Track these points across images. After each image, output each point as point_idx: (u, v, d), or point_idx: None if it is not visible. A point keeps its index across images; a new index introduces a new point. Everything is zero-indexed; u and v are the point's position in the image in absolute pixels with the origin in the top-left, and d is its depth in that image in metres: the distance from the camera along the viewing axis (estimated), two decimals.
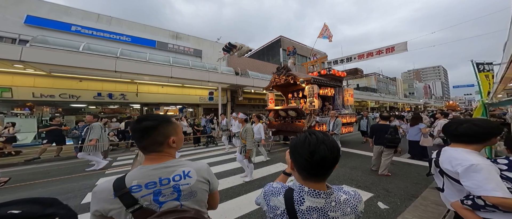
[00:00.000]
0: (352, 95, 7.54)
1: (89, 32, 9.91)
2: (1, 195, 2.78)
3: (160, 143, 0.72)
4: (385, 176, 3.39)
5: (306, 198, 0.58)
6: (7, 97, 6.64)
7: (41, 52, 6.23)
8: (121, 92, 8.70)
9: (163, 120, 0.74)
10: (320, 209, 0.58)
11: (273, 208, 0.62)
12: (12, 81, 6.76)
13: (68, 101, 7.74)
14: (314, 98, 5.51)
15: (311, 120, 5.24)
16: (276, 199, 0.63)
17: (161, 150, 0.73)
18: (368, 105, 28.25)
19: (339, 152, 0.60)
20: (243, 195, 2.78)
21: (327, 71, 6.95)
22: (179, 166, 0.74)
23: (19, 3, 8.92)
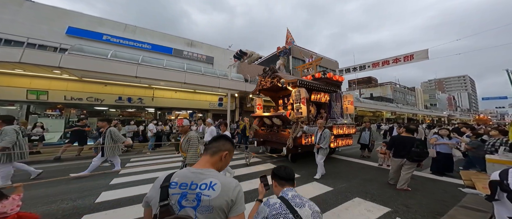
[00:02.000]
0: (352, 103, 6.74)
1: (117, 41, 11.13)
2: (29, 189, 2.99)
3: (218, 149, 0.89)
4: (404, 191, 3.15)
5: (288, 192, 1.10)
6: (43, 100, 7.53)
7: (76, 59, 7.10)
8: (139, 97, 9.37)
9: (230, 140, 0.98)
10: (298, 195, 1.07)
11: (272, 204, 1.00)
12: (49, 85, 7.69)
13: (93, 104, 8.53)
14: (301, 103, 4.77)
15: (297, 130, 4.60)
16: (273, 199, 1.05)
17: (213, 155, 0.89)
18: (383, 116, 26.62)
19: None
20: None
21: (322, 74, 6.23)
22: (210, 176, 0.77)
23: (64, 16, 10.46)
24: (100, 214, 2.34)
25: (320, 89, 5.61)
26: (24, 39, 8.61)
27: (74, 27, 10.31)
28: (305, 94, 4.85)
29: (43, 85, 7.60)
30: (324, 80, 6.14)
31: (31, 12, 9.77)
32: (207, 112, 11.84)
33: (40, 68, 6.79)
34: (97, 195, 2.89)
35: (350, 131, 5.98)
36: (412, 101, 36.96)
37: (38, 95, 7.39)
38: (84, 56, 7.69)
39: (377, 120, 25.80)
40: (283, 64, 6.50)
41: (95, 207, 2.51)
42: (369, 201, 2.78)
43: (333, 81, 6.37)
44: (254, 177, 3.74)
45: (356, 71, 12.83)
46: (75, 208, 2.48)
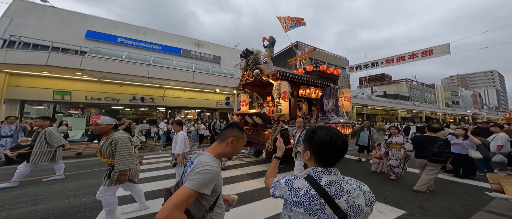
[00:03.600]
0: (349, 99, 6.03)
1: (130, 43, 11.65)
2: (53, 184, 3.33)
3: (225, 137, 0.96)
4: (421, 193, 2.97)
5: (322, 175, 0.73)
6: (67, 100, 8.18)
7: (95, 61, 7.60)
8: (151, 96, 9.81)
9: (238, 127, 1.01)
10: (336, 182, 0.72)
11: (296, 189, 0.73)
12: (72, 86, 8.32)
13: (110, 104, 9.10)
14: (281, 99, 4.17)
15: (277, 130, 3.97)
16: (298, 181, 0.75)
17: (220, 141, 0.97)
18: (398, 114, 25.21)
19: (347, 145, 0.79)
20: (257, 201, 2.72)
21: (314, 67, 5.56)
22: (199, 157, 0.89)
23: (82, 20, 11.15)
24: (118, 208, 2.43)
25: (309, 83, 4.90)
26: (49, 43, 9.37)
27: (92, 30, 10.96)
28: (287, 88, 4.24)
29: (67, 86, 8.24)
30: (316, 74, 5.52)
31: (54, 17, 10.52)
32: (215, 111, 12.08)
33: (64, 70, 7.36)
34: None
35: (346, 131, 5.29)
36: (431, 99, 34.46)
37: (62, 95, 8.04)
38: (102, 58, 8.18)
39: (391, 119, 24.54)
40: (270, 56, 5.61)
41: None
42: (381, 202, 2.65)
43: (327, 74, 5.72)
44: (228, 183, 3.40)
45: (367, 68, 12.21)
46: (95, 201, 2.59)
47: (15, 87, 7.38)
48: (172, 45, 12.84)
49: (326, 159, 0.75)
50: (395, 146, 3.72)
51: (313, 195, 0.69)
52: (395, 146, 3.72)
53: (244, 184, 3.37)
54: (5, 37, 8.88)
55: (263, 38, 5.58)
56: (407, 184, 3.37)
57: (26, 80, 7.58)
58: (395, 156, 3.68)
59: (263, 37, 5.55)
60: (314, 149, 0.76)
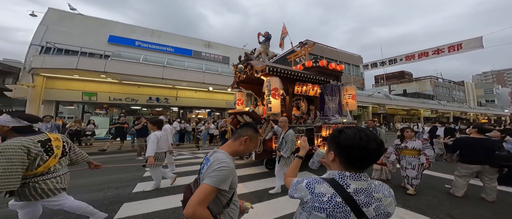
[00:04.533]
0: (354, 97, 5.49)
1: (146, 46, 12.36)
2: (79, 178, 3.39)
3: (239, 135, 0.99)
4: (452, 196, 2.81)
5: (350, 181, 0.66)
6: (93, 100, 9.05)
7: (117, 64, 8.26)
8: (165, 97, 10.39)
9: (253, 127, 1.03)
10: (365, 189, 0.65)
11: (319, 195, 0.66)
12: (97, 88, 9.16)
13: (129, 104, 9.86)
14: (271, 96, 3.87)
15: (267, 130, 3.73)
16: (322, 186, 0.66)
17: (234, 140, 0.99)
18: (420, 114, 23.23)
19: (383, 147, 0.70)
20: (265, 201, 2.75)
21: (313, 63, 5.15)
22: (215, 154, 0.93)
23: (104, 25, 12.08)
24: (136, 203, 2.61)
25: (305, 79, 4.57)
26: (78, 49, 10.36)
27: (113, 35, 11.83)
28: (278, 84, 3.95)
29: (93, 88, 9.10)
30: (316, 70, 5.14)
31: (81, 24, 11.56)
32: (224, 111, 12.37)
33: (91, 73, 8.13)
34: (134, 185, 3.23)
35: None
36: (460, 97, 31.00)
37: (90, 96, 8.92)
38: (123, 61, 8.85)
39: (412, 119, 22.74)
40: (265, 52, 5.39)
41: (132, 196, 2.81)
42: (401, 207, 2.49)
43: (328, 70, 5.30)
44: (159, 195, 3.11)
45: (384, 65, 11.40)
46: (117, 196, 2.82)
47: (51, 89, 8.37)
48: (184, 47, 13.33)
49: (354, 163, 0.67)
50: (411, 152, 3.01)
51: (338, 203, 0.63)
52: (410, 152, 3.02)
53: None
54: (42, 44, 10.03)
55: (258, 34, 5.36)
56: (429, 188, 3.12)
57: (60, 83, 8.54)
58: (411, 164, 2.97)
59: (258, 32, 5.39)
60: (339, 150, 0.69)
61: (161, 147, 3.02)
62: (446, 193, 2.99)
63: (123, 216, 2.18)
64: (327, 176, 0.72)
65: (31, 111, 7.90)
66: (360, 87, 20.33)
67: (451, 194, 2.91)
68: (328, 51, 18.70)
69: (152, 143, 2.86)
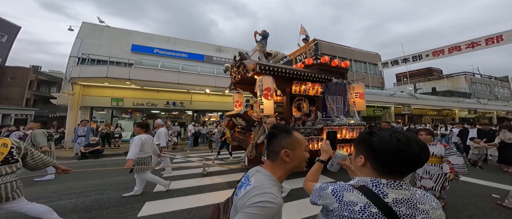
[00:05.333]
0: (362, 96, 5.02)
1: (163, 53, 13.24)
2: (108, 177, 3.83)
3: (276, 152, 0.72)
4: (508, 209, 2.49)
5: (387, 190, 0.57)
6: (120, 106, 10.12)
7: (139, 72, 9.08)
8: (181, 101, 11.07)
9: (282, 130, 0.74)
10: (408, 200, 0.56)
11: (349, 204, 0.57)
12: (123, 94, 10.20)
13: (150, 108, 10.77)
14: (263, 97, 3.63)
15: (259, 133, 3.50)
16: (352, 194, 0.59)
17: (274, 160, 0.72)
18: (455, 115, 20.55)
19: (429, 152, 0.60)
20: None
21: (314, 60, 4.79)
22: (257, 175, 0.70)
23: (128, 35, 13.25)
24: (156, 202, 2.78)
25: (303, 78, 4.19)
26: (106, 58, 11.62)
27: (136, 44, 12.94)
28: (271, 84, 3.67)
29: (120, 94, 10.16)
30: (317, 67, 4.76)
31: (109, 35, 12.86)
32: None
33: (118, 80, 9.09)
34: (154, 185, 3.31)
35: (357, 134, 4.17)
36: (505, 95, 26.42)
37: (117, 102, 9.99)
38: (144, 69, 9.68)
39: (445, 120, 20.27)
40: (261, 51, 5.08)
41: (153, 195, 2.98)
42: None
43: (331, 67, 4.87)
44: (208, 191, 3.25)
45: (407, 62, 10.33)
46: (141, 194, 2.99)
47: (86, 96, 9.60)
48: (197, 52, 13.93)
49: (392, 169, 0.58)
50: (431, 159, 2.49)
51: (373, 213, 0.54)
52: (430, 159, 2.54)
53: (225, 193, 3.21)
54: (79, 56, 11.49)
55: (254, 33, 5.13)
56: (465, 196, 2.80)
57: (93, 90, 9.74)
58: (429, 173, 2.42)
59: (254, 31, 5.16)
60: (373, 155, 0.61)
61: (146, 151, 2.92)
62: (493, 203, 2.65)
63: (145, 215, 2.41)
64: (355, 182, 0.63)
65: (71, 116, 9.21)
66: (380, 87, 18.78)
67: (506, 206, 2.51)
68: (341, 50, 17.64)
69: (135, 146, 2.75)
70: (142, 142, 2.81)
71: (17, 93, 16.71)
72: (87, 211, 2.46)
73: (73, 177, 3.78)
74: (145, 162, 2.92)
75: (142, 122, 3.17)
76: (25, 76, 17.34)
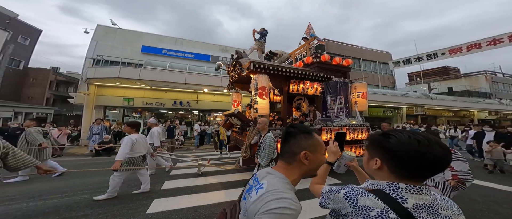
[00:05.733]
0: (364, 95, 4.82)
1: (171, 53, 13.61)
2: (103, 175, 4.15)
3: (293, 153, 0.68)
4: None
5: (407, 195, 0.54)
6: (131, 105, 10.55)
7: (149, 72, 9.41)
8: (187, 101, 11.33)
9: (303, 131, 0.70)
10: (429, 206, 0.53)
11: (364, 208, 0.55)
12: (134, 94, 10.62)
13: (158, 108, 11.13)
14: (258, 96, 3.54)
15: (253, 133, 3.40)
16: (367, 199, 0.56)
17: (291, 162, 0.68)
18: (474, 116, 19.29)
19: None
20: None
21: (314, 58, 4.64)
22: (269, 177, 0.65)
23: (138, 37, 13.77)
24: (164, 199, 2.86)
25: (301, 76, 4.05)
26: (119, 59, 12.16)
27: (145, 45, 13.42)
28: (265, 82, 3.58)
29: (131, 94, 10.59)
30: (317, 66, 4.62)
31: (121, 37, 13.44)
32: None
33: (129, 81, 9.48)
34: (162, 183, 3.51)
35: (358, 135, 4.06)
36: None
37: (128, 102, 10.43)
38: (153, 69, 10.01)
39: (462, 121, 19.12)
40: (260, 49, 4.99)
41: (162, 193, 3.08)
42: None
43: (332, 66, 4.75)
44: (202, 191, 3.22)
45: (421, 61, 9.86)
46: (149, 192, 3.11)
47: (100, 96, 10.11)
48: (203, 53, 14.19)
49: (412, 172, 0.55)
50: None
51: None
52: None
53: (217, 194, 3.18)
54: (94, 57, 12.12)
55: (253, 31, 5.03)
56: (479, 202, 2.65)
57: (107, 90, 10.22)
58: (433, 180, 2.41)
59: (253, 29, 5.08)
60: (390, 157, 0.58)
61: (138, 151, 2.89)
62: None
63: (153, 211, 2.48)
64: (368, 186, 0.61)
65: (87, 115, 9.74)
66: (390, 86, 18.04)
67: None
68: (349, 49, 17.16)
69: (125, 146, 2.69)
70: (132, 141, 2.77)
71: (38, 93, 17.94)
72: (100, 207, 2.60)
73: (85, 174, 4.00)
74: (136, 161, 2.88)
75: (132, 121, 3.12)
76: (46, 77, 18.57)
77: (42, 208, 2.54)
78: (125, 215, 2.38)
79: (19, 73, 17.24)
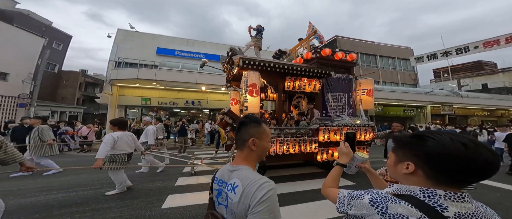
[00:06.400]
0: (370, 92, 4.43)
1: (183, 54, 14.14)
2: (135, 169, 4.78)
3: (244, 140, 0.74)
4: None
5: (447, 203, 0.49)
6: (148, 104, 11.25)
7: (163, 73, 9.94)
8: (199, 100, 11.72)
9: (253, 121, 0.78)
10: (472, 215, 0.48)
11: (396, 217, 0.50)
12: (150, 94, 11.31)
13: (172, 107, 11.72)
14: (248, 94, 3.39)
15: None
16: (399, 206, 0.51)
17: (242, 149, 0.75)
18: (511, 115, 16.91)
19: None
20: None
21: (313, 54, 4.38)
22: (236, 175, 0.69)
23: (153, 39, 14.51)
24: (178, 195, 3.02)
25: (297, 73, 3.82)
26: (136, 61, 13.01)
27: (160, 47, 14.14)
28: (256, 79, 3.43)
29: (148, 94, 11.29)
30: (316, 62, 4.34)
31: (138, 40, 14.31)
32: None
33: (146, 81, 10.12)
34: (176, 179, 3.70)
35: (363, 136, 3.79)
36: None
37: (146, 101, 11.14)
38: (167, 70, 10.55)
39: (499, 121, 16.94)
40: (256, 46, 4.87)
41: (175, 189, 3.25)
42: None
43: (334, 61, 4.40)
44: (195, 190, 3.27)
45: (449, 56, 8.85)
46: (164, 187, 3.32)
47: (122, 96, 10.95)
48: (213, 53, 14.48)
49: (455, 177, 0.50)
50: None
51: None
52: None
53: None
54: (116, 60, 13.11)
55: (249, 28, 4.92)
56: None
57: (127, 91, 11.04)
58: None
59: (249, 26, 4.99)
60: (427, 161, 0.52)
61: (122, 148, 2.86)
62: None
63: (168, 206, 2.63)
64: (394, 191, 0.56)
65: (111, 113, 10.64)
66: (412, 84, 16.58)
67: None
68: (363, 45, 16.13)
69: (104, 144, 2.67)
70: (113, 139, 2.76)
71: (70, 94, 20.05)
72: (122, 200, 2.86)
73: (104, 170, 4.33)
74: (120, 159, 2.86)
75: (115, 119, 3.14)
76: (76, 79, 20.65)
77: (75, 199, 2.86)
78: (143, 209, 2.58)
79: (54, 76, 19.42)
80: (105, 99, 10.71)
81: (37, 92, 12.37)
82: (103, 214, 2.41)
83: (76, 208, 2.55)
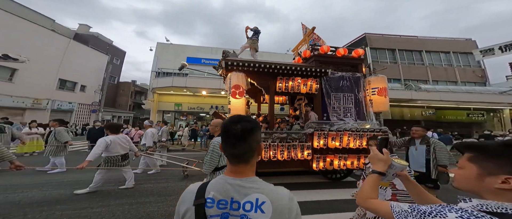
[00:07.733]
0: (382, 91, 3.84)
1: (208, 62, 15.32)
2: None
3: (253, 150, 0.61)
4: None
5: None
6: (180, 110, 12.68)
7: (192, 80, 11.04)
8: (222, 105, 12.42)
9: (257, 123, 0.64)
10: None
11: None
12: (181, 100, 12.72)
13: (199, 112, 12.84)
14: (231, 96, 3.21)
15: None
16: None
17: (249, 160, 0.61)
18: None
19: None
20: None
21: (312, 51, 4.09)
22: (254, 189, 0.58)
23: (183, 50, 16.17)
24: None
25: (289, 72, 3.57)
26: (171, 71, 14.89)
27: (189, 57, 15.79)
28: (239, 81, 3.27)
29: (179, 100, 12.74)
30: (314, 60, 4.03)
31: (173, 51, 16.34)
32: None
33: (178, 88, 11.47)
34: (189, 177, 3.90)
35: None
36: None
37: (178, 107, 12.60)
38: (195, 77, 11.67)
39: None
40: (253, 48, 4.74)
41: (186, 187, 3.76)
42: None
43: (335, 59, 4.04)
44: None
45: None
46: (177, 187, 3.37)
47: (160, 102, 12.73)
48: None
49: None
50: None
51: None
52: None
53: None
54: (156, 70, 15.36)
55: (245, 28, 4.82)
56: None
57: (164, 97, 12.76)
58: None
59: (246, 26, 4.86)
60: None
61: (115, 151, 3.01)
62: None
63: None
64: (479, 207, 0.49)
65: (153, 117, 12.49)
66: (479, 82, 13.00)
67: None
68: (402, 41, 13.67)
69: (97, 147, 2.80)
70: (106, 143, 2.89)
71: (124, 101, 24.67)
72: (145, 196, 3.03)
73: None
74: (114, 160, 3.01)
75: (110, 124, 3.25)
76: (128, 89, 25.29)
77: (81, 194, 2.90)
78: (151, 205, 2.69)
79: (114, 87, 24.30)
80: (149, 105, 12.66)
81: (103, 100, 15.69)
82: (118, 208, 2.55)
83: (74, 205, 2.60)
